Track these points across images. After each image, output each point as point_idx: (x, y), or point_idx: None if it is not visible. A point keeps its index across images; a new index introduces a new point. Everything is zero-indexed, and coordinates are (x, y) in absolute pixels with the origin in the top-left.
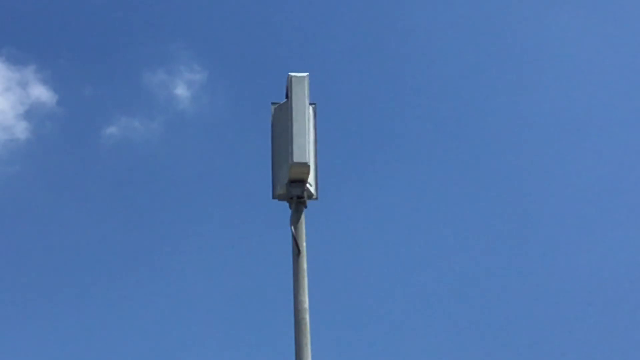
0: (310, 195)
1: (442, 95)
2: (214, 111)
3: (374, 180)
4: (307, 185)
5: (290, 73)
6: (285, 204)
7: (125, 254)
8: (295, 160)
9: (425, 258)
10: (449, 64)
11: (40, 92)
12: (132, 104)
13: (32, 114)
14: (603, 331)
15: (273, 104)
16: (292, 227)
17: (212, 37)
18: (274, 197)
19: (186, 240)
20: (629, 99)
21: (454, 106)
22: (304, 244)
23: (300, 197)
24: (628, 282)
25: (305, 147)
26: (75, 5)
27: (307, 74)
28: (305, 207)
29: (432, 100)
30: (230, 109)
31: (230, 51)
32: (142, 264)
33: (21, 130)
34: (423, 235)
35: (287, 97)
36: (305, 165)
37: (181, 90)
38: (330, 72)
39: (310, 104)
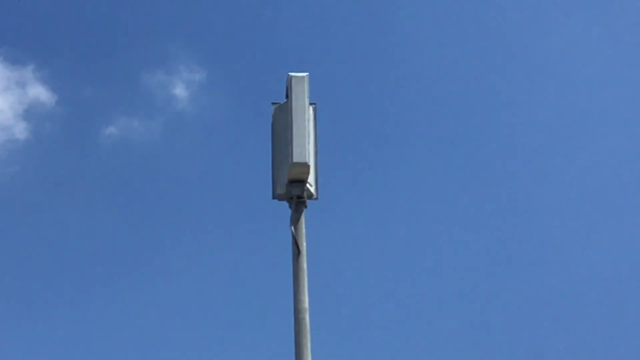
0: (310, 195)
1: (442, 95)
2: (213, 111)
3: (374, 180)
4: (307, 185)
5: (290, 73)
6: (286, 204)
7: (125, 254)
8: (295, 160)
9: (425, 258)
10: (448, 64)
11: (39, 92)
12: (131, 104)
13: (31, 114)
14: (603, 331)
15: (273, 104)
16: (292, 227)
17: (211, 36)
18: (274, 197)
19: (186, 240)
20: (627, 99)
21: (453, 106)
22: (304, 244)
23: (300, 197)
24: (627, 282)
25: (305, 147)
26: (73, 5)
27: (307, 74)
28: (305, 207)
29: (432, 100)
30: (229, 109)
31: (229, 51)
32: (142, 264)
33: (20, 130)
34: (423, 235)
35: (287, 97)
36: (305, 165)
37: (180, 90)
38: (330, 72)
39: (311, 104)
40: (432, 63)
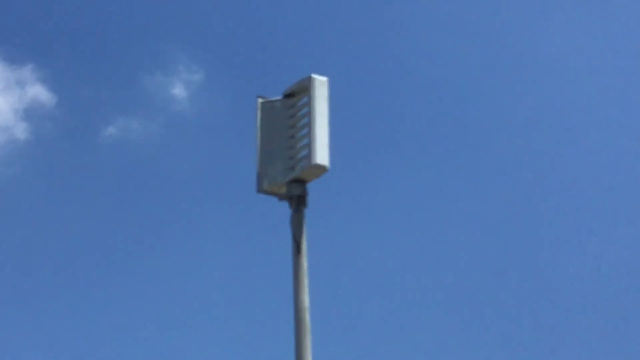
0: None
1: (442, 96)
2: (213, 111)
3: (374, 179)
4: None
5: (312, 74)
6: (286, 204)
7: (125, 253)
8: (317, 162)
9: (425, 257)
10: (448, 65)
11: (39, 92)
12: (130, 104)
13: (30, 114)
14: (602, 331)
15: (260, 97)
16: (292, 227)
17: (209, 36)
18: (259, 191)
19: (185, 240)
20: (626, 99)
21: (453, 107)
22: (304, 243)
23: (300, 196)
24: (627, 282)
25: (327, 149)
26: (71, 5)
27: (327, 78)
28: (306, 206)
29: (432, 100)
30: (229, 109)
31: (228, 50)
32: (142, 264)
33: (20, 130)
34: (423, 234)
35: (288, 95)
36: (324, 168)
37: (179, 90)
38: (329, 72)
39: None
40: (431, 63)
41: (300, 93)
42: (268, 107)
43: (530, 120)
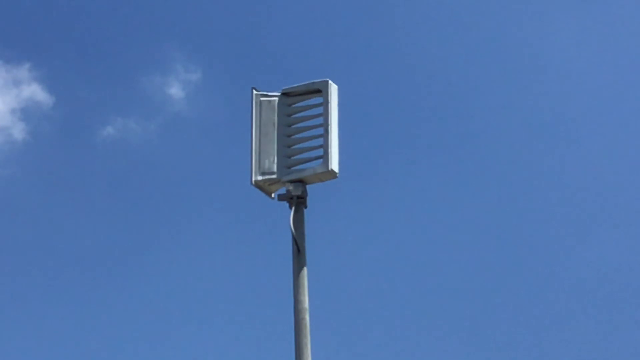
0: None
1: (440, 95)
2: (211, 111)
3: (374, 180)
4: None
5: (327, 79)
6: (285, 204)
7: (123, 254)
8: (331, 167)
9: (426, 258)
10: (448, 66)
11: (36, 92)
12: (128, 104)
13: (28, 114)
14: (602, 331)
15: (255, 89)
16: (292, 227)
17: (207, 36)
18: (252, 184)
19: (185, 240)
20: (627, 99)
21: (452, 106)
22: (304, 243)
23: (300, 197)
24: (628, 282)
25: (338, 155)
26: (68, 6)
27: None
28: (306, 207)
29: (432, 101)
30: (227, 109)
31: (226, 50)
32: (140, 264)
33: (18, 131)
34: (424, 234)
35: (285, 94)
36: (335, 175)
37: (177, 91)
38: (327, 72)
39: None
40: (432, 64)
41: (305, 94)
42: (264, 101)
43: (532, 124)
